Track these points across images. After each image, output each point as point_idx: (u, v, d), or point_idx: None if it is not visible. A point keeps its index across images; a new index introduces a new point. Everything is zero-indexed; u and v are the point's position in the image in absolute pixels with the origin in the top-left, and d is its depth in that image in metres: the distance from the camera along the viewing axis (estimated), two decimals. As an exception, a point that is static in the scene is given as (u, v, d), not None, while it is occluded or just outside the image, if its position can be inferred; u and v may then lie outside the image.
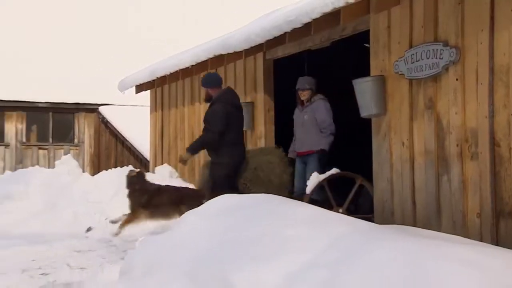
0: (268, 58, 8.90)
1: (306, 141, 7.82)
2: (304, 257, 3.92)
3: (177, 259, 4.45)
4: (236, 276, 3.82)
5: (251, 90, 9.27)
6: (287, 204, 5.20)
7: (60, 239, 7.47)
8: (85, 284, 5.19)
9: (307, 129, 7.79)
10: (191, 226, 5.00)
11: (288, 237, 4.22)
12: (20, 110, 18.61)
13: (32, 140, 18.99)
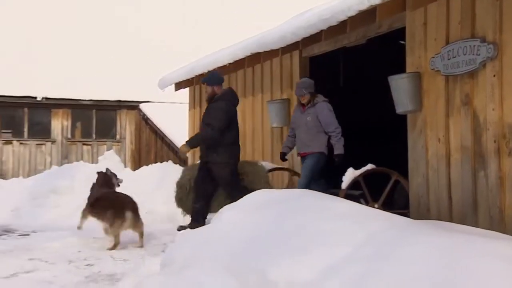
0: (304, 56, 8.84)
1: (308, 143, 7.68)
2: (340, 252, 3.87)
3: (215, 253, 4.44)
4: (273, 269, 3.79)
5: (287, 87, 9.22)
6: (324, 198, 5.15)
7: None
8: (127, 275, 5.24)
9: (310, 130, 7.63)
10: (229, 221, 4.99)
11: (325, 231, 4.18)
12: (66, 107, 18.89)
13: (77, 136, 19.25)
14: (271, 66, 9.60)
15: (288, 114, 9.04)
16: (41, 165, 18.35)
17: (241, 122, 10.63)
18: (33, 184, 10.28)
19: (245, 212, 5.13)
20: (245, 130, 10.43)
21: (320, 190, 6.53)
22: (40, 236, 7.26)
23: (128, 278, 5.07)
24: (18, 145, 18.71)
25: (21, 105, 18.51)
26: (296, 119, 7.84)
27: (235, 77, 10.81)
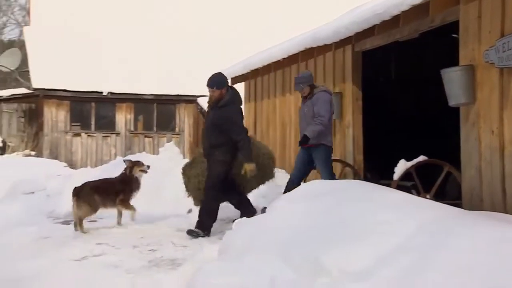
0: (356, 50, 8.72)
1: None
2: (393, 241, 3.81)
3: (270, 241, 4.43)
4: (327, 257, 3.76)
5: (339, 81, 9.12)
6: (377, 189, 5.08)
7: (165, 218, 7.66)
8: (187, 260, 5.29)
9: (308, 122, 7.33)
10: (283, 210, 4.98)
11: (378, 221, 4.12)
12: (129, 101, 19.26)
13: (139, 129, 19.60)
14: (324, 60, 9.52)
15: (340, 107, 8.96)
16: (107, 156, 18.80)
17: (295, 115, 10.60)
18: (99, 174, 10.50)
19: (299, 202, 5.11)
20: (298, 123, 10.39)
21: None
22: (106, 223, 7.42)
23: (188, 263, 5.12)
24: (86, 137, 19.21)
25: (89, 100, 18.98)
26: (299, 111, 7.73)
27: (289, 72, 10.77)
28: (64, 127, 19.08)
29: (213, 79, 7.07)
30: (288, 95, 10.87)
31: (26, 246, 6.04)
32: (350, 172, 8.58)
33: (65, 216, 8.28)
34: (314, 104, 7.24)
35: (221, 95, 6.95)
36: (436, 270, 3.30)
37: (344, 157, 8.83)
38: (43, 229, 7.24)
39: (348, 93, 8.89)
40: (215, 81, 7.04)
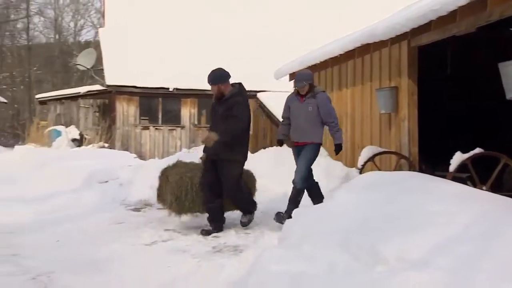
0: (413, 46, 8.53)
1: (309, 132, 6.93)
2: (450, 231, 3.72)
3: (329, 230, 4.41)
4: (384, 246, 3.71)
5: (395, 76, 8.95)
6: (433, 180, 4.97)
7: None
8: (249, 247, 5.33)
9: (311, 120, 6.90)
10: (341, 200, 4.94)
11: (434, 212, 4.03)
12: (193, 97, 19.54)
13: (202, 123, 19.85)
14: (380, 56, 9.36)
15: (396, 101, 8.80)
16: (173, 148, 19.17)
17: (351, 109, 10.49)
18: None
19: (356, 192, 5.06)
20: (355, 117, 10.29)
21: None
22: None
23: (250, 250, 5.16)
24: (153, 130, 19.63)
25: (156, 95, 19.37)
26: (295, 108, 7.08)
27: (345, 67, 10.66)
28: (134, 121, 19.56)
29: (211, 75, 6.71)
30: (345, 90, 10.76)
31: (102, 231, 6.24)
32: (405, 164, 8.43)
33: (136, 203, 8.50)
34: (321, 105, 6.92)
35: (224, 90, 6.57)
36: (492, 260, 3.21)
37: (399, 149, 8.68)
38: (116, 215, 7.46)
39: (404, 88, 8.72)
40: (213, 76, 6.66)
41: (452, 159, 6.90)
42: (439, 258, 3.41)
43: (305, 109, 6.91)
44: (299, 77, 7.13)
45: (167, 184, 6.73)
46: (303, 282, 3.67)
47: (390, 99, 8.80)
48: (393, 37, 8.32)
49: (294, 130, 6.98)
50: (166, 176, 6.83)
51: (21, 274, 4.98)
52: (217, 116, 6.60)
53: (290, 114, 7.04)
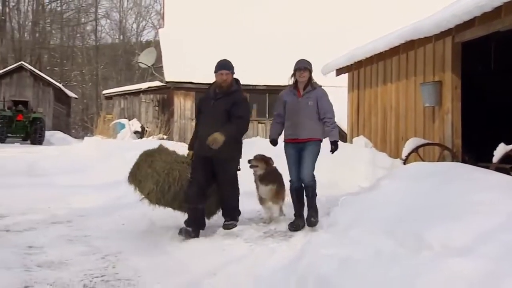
0: (456, 42, 8.31)
1: (311, 128, 5.91)
2: (493, 220, 3.62)
3: (374, 217, 4.37)
4: (429, 233, 3.65)
5: (439, 71, 8.75)
6: (475, 171, 4.85)
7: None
8: (298, 233, 5.32)
9: (312, 116, 5.93)
10: (386, 190, 4.89)
11: (477, 201, 3.94)
12: (245, 92, 19.60)
13: (253, 116, 19.94)
14: (424, 51, 9.16)
15: (439, 95, 8.61)
16: (223, 139, 19.36)
17: (395, 103, 10.31)
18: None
19: (401, 182, 5.00)
20: (399, 110, 10.11)
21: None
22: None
23: (299, 235, 5.16)
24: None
25: (210, 90, 19.59)
26: (292, 104, 6.00)
27: (390, 63, 10.48)
28: (190, 115, 19.81)
29: (226, 62, 6.04)
30: (389, 84, 10.59)
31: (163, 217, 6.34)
32: (449, 155, 8.25)
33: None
34: (321, 99, 5.95)
35: (232, 81, 5.95)
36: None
37: (442, 141, 8.50)
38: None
39: (448, 82, 8.52)
40: (231, 65, 6.00)
41: (496, 150, 6.71)
42: (483, 245, 3.32)
43: (304, 104, 5.93)
44: (304, 63, 6.03)
45: (151, 169, 5.83)
46: (350, 266, 3.64)
47: (434, 93, 8.63)
48: (437, 33, 8.13)
49: (293, 127, 5.93)
50: (151, 161, 5.93)
51: (92, 254, 5.22)
52: (214, 110, 5.78)
53: (285, 110, 5.99)
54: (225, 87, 5.83)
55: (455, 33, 8.02)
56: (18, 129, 25.74)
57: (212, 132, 5.52)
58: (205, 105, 5.91)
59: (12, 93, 32.63)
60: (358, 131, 12.18)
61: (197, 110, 6.25)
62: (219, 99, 5.80)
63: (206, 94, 6.02)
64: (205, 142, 5.52)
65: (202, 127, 5.83)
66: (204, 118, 5.87)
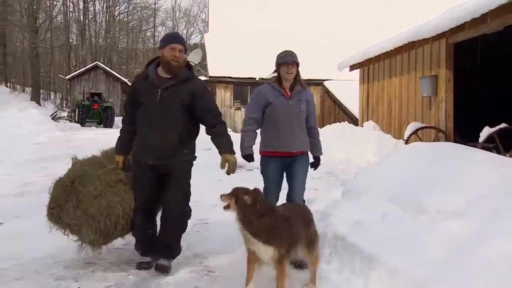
0: (450, 42, 8.12)
1: (300, 139, 3.93)
2: (480, 189, 3.58)
3: (382, 186, 4.36)
4: (426, 200, 3.64)
5: (435, 66, 8.60)
6: (466, 149, 4.78)
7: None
8: (318, 199, 5.36)
9: (302, 123, 3.96)
10: (392, 164, 4.85)
11: (467, 174, 3.89)
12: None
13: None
14: (423, 51, 9.00)
15: (435, 86, 8.47)
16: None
17: (399, 93, 10.17)
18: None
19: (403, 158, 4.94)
20: (402, 99, 9.98)
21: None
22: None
23: (320, 201, 5.18)
24: (244, 110, 19.88)
25: (245, 83, 19.54)
26: (281, 106, 3.86)
27: (395, 60, 10.32)
28: (229, 103, 19.89)
29: (177, 34, 3.76)
30: (394, 78, 10.44)
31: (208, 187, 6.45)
32: (443, 137, 8.13)
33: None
34: (311, 105, 4.02)
35: (184, 61, 3.55)
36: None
37: (437, 124, 8.38)
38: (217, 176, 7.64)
39: (442, 76, 8.37)
40: (181, 37, 3.68)
41: (482, 132, 6.59)
42: (472, 210, 3.31)
43: (297, 108, 3.89)
44: (289, 54, 3.97)
45: (81, 212, 3.48)
46: (362, 226, 3.67)
47: (430, 85, 8.52)
48: (434, 36, 8.00)
49: (282, 137, 3.84)
50: (76, 196, 3.53)
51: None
52: (162, 104, 3.45)
53: (267, 115, 3.87)
54: (176, 70, 3.45)
55: (448, 36, 7.86)
56: (94, 116, 26.36)
57: (162, 134, 3.38)
58: (147, 95, 3.47)
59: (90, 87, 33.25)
60: (367, 116, 12.07)
61: (130, 99, 3.61)
62: (169, 88, 3.46)
63: (145, 79, 3.51)
64: (151, 145, 3.40)
65: (145, 126, 3.47)
66: (147, 113, 3.45)
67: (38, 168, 7.99)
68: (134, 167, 3.60)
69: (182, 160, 3.52)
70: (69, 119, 26.73)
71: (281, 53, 4.01)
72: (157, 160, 3.48)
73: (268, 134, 3.88)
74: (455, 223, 3.14)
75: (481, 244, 2.87)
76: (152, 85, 3.50)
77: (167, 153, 3.47)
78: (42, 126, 16.81)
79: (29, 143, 11.48)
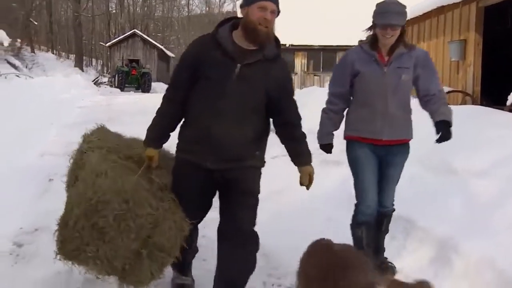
0: (480, 6, 7.70)
1: (403, 123, 2.70)
2: (505, 150, 3.50)
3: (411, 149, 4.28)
4: (455, 161, 3.57)
5: (464, 30, 8.20)
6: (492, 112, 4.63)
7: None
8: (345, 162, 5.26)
9: (405, 100, 2.66)
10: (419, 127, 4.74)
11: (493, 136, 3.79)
12: (303, 51, 19.18)
13: (310, 70, 19.57)
14: (452, 15, 8.58)
15: (464, 51, 8.12)
16: (288, 88, 19.22)
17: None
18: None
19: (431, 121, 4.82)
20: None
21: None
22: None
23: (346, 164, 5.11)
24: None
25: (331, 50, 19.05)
26: (374, 77, 2.58)
27: (423, 25, 9.89)
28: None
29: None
30: (422, 43, 10.05)
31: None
32: (469, 100, 7.87)
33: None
34: (421, 66, 2.64)
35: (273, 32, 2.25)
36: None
37: (465, 88, 8.10)
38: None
39: (471, 40, 8.00)
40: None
41: (510, 95, 6.33)
42: (497, 169, 3.24)
43: (393, 78, 2.60)
44: (393, 14, 2.54)
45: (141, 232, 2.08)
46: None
47: (459, 49, 8.19)
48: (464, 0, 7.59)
49: (373, 118, 2.62)
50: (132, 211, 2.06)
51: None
52: (240, 86, 2.16)
53: (355, 87, 2.65)
54: (264, 39, 2.18)
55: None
56: (133, 81, 26.73)
57: (234, 127, 2.17)
58: (218, 70, 2.18)
59: (128, 53, 33.52)
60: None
61: (186, 71, 2.25)
62: (253, 65, 2.18)
63: (216, 47, 2.19)
64: (214, 142, 2.16)
65: (207, 112, 2.19)
66: (214, 94, 2.18)
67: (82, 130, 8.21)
68: (178, 170, 2.27)
69: (253, 165, 2.25)
70: (109, 84, 27.22)
71: (383, 9, 2.53)
72: (220, 163, 2.17)
73: (353, 114, 2.62)
74: (481, 183, 3.08)
75: (506, 202, 2.81)
76: (226, 56, 2.14)
77: (237, 154, 2.18)
78: (85, 91, 17.15)
79: (74, 107, 11.75)
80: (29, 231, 3.29)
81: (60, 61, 32.28)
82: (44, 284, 2.45)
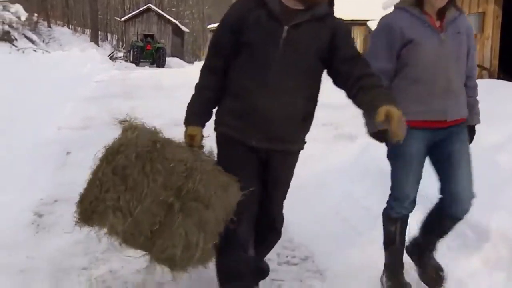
0: (502, -25, 7.41)
1: (461, 98, 2.08)
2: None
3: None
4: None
5: (483, 3, 7.92)
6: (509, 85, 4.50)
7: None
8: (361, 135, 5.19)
9: (460, 68, 2.04)
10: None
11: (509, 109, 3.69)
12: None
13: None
14: (472, -14, 8.27)
15: (482, 23, 7.86)
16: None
17: (443, 30, 9.55)
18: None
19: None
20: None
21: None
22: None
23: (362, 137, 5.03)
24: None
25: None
26: (426, 45, 1.99)
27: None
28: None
29: None
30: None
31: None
32: (486, 74, 7.67)
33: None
34: (470, 38, 2.09)
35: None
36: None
37: (482, 62, 7.87)
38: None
39: (490, 12, 7.73)
40: None
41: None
42: None
43: (454, 46, 2.02)
44: None
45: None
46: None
47: (477, 22, 7.93)
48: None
49: (427, 96, 2.01)
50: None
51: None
52: (288, 49, 1.80)
53: (402, 59, 2.03)
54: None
55: (500, -31, 7.15)
56: (147, 56, 26.70)
57: (282, 99, 1.81)
58: (263, 33, 1.82)
59: (143, 28, 33.37)
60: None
61: (226, 36, 1.89)
62: (301, 26, 1.82)
63: (260, 6, 1.83)
64: (260, 116, 1.81)
65: (252, 83, 1.83)
66: (260, 62, 1.82)
67: (99, 104, 8.22)
68: (223, 150, 1.94)
69: (296, 150, 1.97)
70: (124, 59, 27.21)
71: None
72: (265, 142, 1.86)
73: (404, 92, 2.03)
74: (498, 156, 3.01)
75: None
76: (272, 18, 1.83)
77: (284, 131, 1.87)
78: (101, 65, 17.16)
79: (90, 81, 11.79)
80: (49, 202, 3.35)
81: (76, 36, 32.33)
82: (65, 252, 2.55)
